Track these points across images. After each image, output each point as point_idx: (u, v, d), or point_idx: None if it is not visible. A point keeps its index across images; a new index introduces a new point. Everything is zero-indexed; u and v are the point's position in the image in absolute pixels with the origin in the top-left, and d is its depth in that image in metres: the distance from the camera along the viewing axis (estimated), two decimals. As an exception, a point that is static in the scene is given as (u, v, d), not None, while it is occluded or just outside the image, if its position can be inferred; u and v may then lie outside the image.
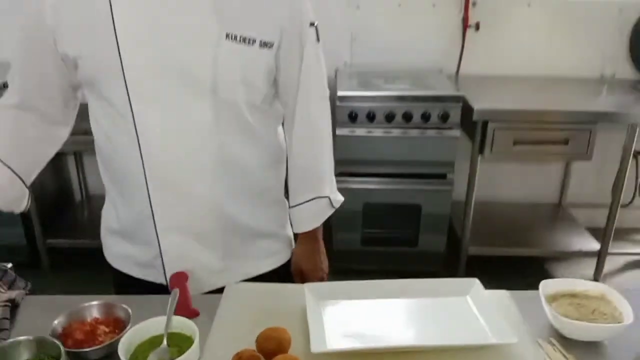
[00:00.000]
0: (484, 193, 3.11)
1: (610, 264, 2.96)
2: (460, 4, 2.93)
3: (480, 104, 2.51)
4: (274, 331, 0.89)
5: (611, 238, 2.82)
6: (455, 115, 2.55)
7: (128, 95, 1.03)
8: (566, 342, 0.98)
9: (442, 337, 0.94)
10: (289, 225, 1.33)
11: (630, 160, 2.70)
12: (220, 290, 1.11)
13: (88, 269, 1.10)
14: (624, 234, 3.22)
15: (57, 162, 3.25)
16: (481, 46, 3.00)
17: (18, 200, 1.15)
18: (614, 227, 2.81)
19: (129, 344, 0.90)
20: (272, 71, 1.12)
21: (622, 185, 2.73)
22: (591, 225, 3.07)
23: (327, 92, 1.22)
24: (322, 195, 1.24)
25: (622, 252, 3.06)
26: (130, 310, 0.98)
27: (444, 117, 2.54)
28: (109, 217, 1.26)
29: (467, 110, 2.54)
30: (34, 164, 1.18)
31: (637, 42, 2.99)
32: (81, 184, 3.38)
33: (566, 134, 2.55)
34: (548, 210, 3.30)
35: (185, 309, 1.02)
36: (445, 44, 3.00)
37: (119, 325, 0.97)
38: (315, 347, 0.86)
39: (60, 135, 1.21)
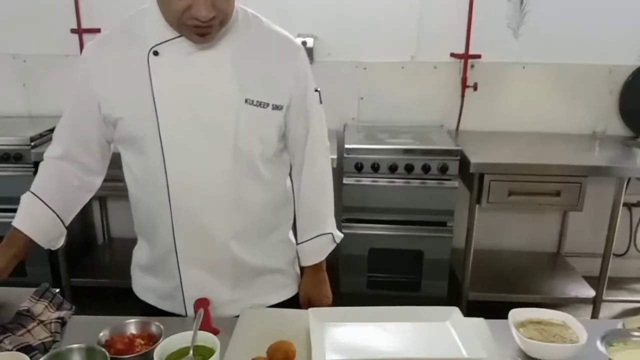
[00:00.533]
0: (484, 241, 3.28)
1: (606, 310, 3.08)
2: (459, 66, 3.19)
3: (476, 157, 2.72)
4: (282, 343, 1.08)
5: (605, 286, 2.94)
6: (454, 167, 2.76)
7: (162, 149, 1.26)
8: (532, 361, 1.15)
9: (423, 353, 1.11)
10: (297, 262, 1.52)
11: (620, 212, 2.86)
12: (236, 316, 1.31)
13: (109, 307, 1.31)
14: (620, 283, 3.35)
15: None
16: (479, 105, 3.24)
17: (57, 238, 1.38)
18: (607, 276, 2.94)
19: (161, 353, 1.08)
20: (282, 128, 1.35)
21: (613, 235, 2.88)
22: (588, 274, 3.19)
23: (328, 144, 1.45)
24: (325, 232, 1.44)
25: (617, 299, 3.18)
26: (162, 327, 1.17)
27: (443, 169, 2.75)
28: (139, 255, 1.48)
29: (464, 163, 2.75)
30: (72, 208, 1.40)
31: (627, 100, 3.21)
32: (104, 227, 3.59)
33: (558, 186, 2.74)
34: (546, 258, 3.44)
35: (208, 327, 1.21)
36: (446, 102, 3.25)
37: (152, 339, 1.15)
38: (316, 359, 1.05)
39: (95, 183, 1.42)
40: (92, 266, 3.35)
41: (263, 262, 1.42)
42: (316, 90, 1.38)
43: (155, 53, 1.23)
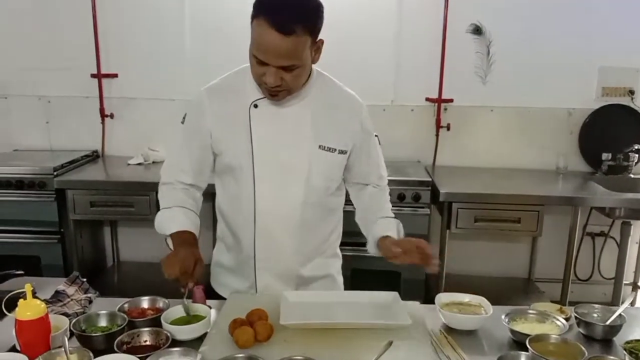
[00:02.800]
0: (458, 266, 3.55)
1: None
2: (434, 109, 3.58)
3: (445, 188, 3.08)
4: (257, 310, 1.44)
5: (566, 306, 3.24)
6: (426, 196, 3.12)
7: (254, 180, 1.62)
8: (449, 330, 1.48)
9: (363, 319, 1.47)
10: (341, 273, 1.89)
11: (576, 239, 3.18)
12: None
13: None
14: (583, 306, 3.63)
15: (96, 230, 3.81)
16: (452, 143, 3.60)
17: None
18: (567, 299, 3.25)
19: (168, 318, 1.43)
20: (344, 168, 1.73)
21: (571, 261, 3.21)
22: (556, 298, 3.46)
23: (385, 174, 1.85)
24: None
25: (578, 319, 3.46)
26: (168, 302, 1.52)
27: (416, 198, 3.11)
28: (219, 256, 1.85)
29: (436, 192, 3.11)
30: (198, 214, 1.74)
31: (585, 139, 3.55)
32: (114, 251, 3.91)
33: (518, 214, 3.07)
34: (518, 283, 3.73)
35: (202, 303, 1.56)
36: (422, 140, 3.62)
37: (160, 311, 1.50)
38: (283, 321, 1.40)
39: (201, 199, 1.77)
40: (102, 287, 3.63)
41: (319, 271, 1.78)
42: (376, 136, 1.79)
43: (255, 106, 1.62)
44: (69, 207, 3.22)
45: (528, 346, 1.32)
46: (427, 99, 3.58)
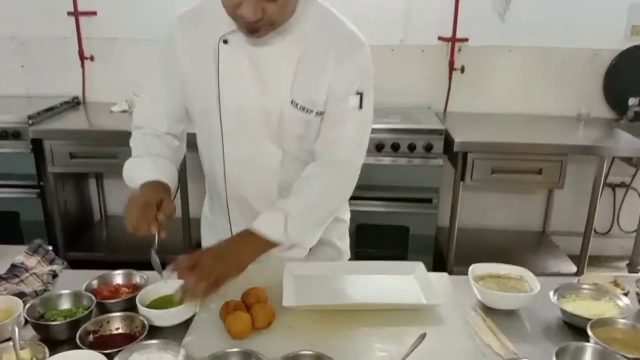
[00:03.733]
0: (470, 220, 3.37)
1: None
2: (447, 50, 3.26)
3: (461, 136, 2.80)
4: (255, 289, 1.17)
5: (586, 263, 3.04)
6: (438, 146, 2.84)
7: (222, 133, 1.34)
8: (487, 310, 1.23)
9: (385, 299, 1.21)
10: (346, 240, 1.59)
11: (600, 191, 2.93)
12: None
13: None
14: (602, 261, 3.45)
15: (79, 183, 3.56)
16: (466, 87, 3.30)
17: (175, 192, 1.37)
18: (588, 253, 3.03)
19: (145, 298, 1.17)
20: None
21: (594, 214, 2.96)
22: (572, 252, 3.27)
23: (352, 156, 1.40)
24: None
25: (597, 277, 3.26)
26: (147, 277, 1.26)
27: (428, 148, 2.83)
28: (205, 206, 1.63)
29: (449, 142, 2.83)
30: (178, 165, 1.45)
31: (611, 83, 3.27)
32: (101, 205, 3.68)
33: (540, 165, 2.81)
34: (532, 237, 3.53)
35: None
36: (433, 84, 3.31)
37: (137, 289, 1.24)
38: (286, 303, 1.14)
39: (183, 149, 1.48)
40: (89, 242, 3.44)
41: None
42: (358, 94, 1.32)
43: (225, 41, 1.29)
44: (47, 159, 2.96)
45: (590, 334, 1.07)
46: (440, 38, 3.26)
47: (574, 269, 3.09)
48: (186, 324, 1.14)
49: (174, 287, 1.17)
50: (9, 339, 1.02)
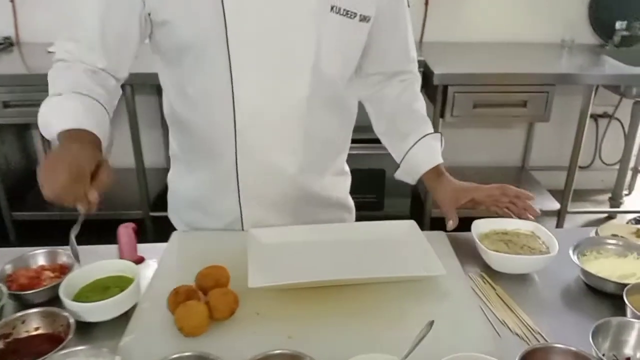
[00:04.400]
0: (447, 157, 3.16)
1: (569, 222, 3.06)
2: (422, -29, 2.95)
3: (440, 68, 2.55)
4: (213, 269, 0.93)
5: (570, 198, 2.90)
6: (416, 79, 2.58)
7: (230, 64, 1.02)
8: (496, 275, 1.03)
9: (375, 272, 0.98)
10: (350, 197, 1.35)
11: (587, 123, 2.75)
12: None
13: (55, 241, 1.10)
14: (584, 195, 3.32)
15: (22, 135, 3.22)
16: (444, 14, 3.02)
17: (109, 145, 1.03)
18: (572, 188, 2.88)
19: (72, 286, 0.93)
20: (364, 43, 1.12)
21: (580, 147, 2.79)
22: (553, 187, 3.15)
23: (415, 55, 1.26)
24: (434, 132, 1.25)
25: (581, 211, 3.15)
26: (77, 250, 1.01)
27: (404, 82, 2.57)
28: (182, 186, 1.26)
29: (428, 74, 2.57)
30: (111, 109, 1.07)
31: (596, 7, 3.05)
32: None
33: (524, 96, 2.61)
34: (511, 172, 3.37)
35: (129, 255, 1.05)
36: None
37: (64, 271, 0.99)
38: (252, 283, 0.90)
39: (119, 91, 1.12)
40: (36, 199, 3.14)
41: (324, 195, 1.25)
42: None
43: None
44: (-22, 109, 2.60)
45: (628, 303, 0.87)
46: (414, -41, 2.92)
47: (556, 205, 2.95)
48: (127, 317, 0.90)
49: (108, 269, 0.93)
50: None
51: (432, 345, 0.78)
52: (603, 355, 0.80)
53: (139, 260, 1.06)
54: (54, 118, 0.97)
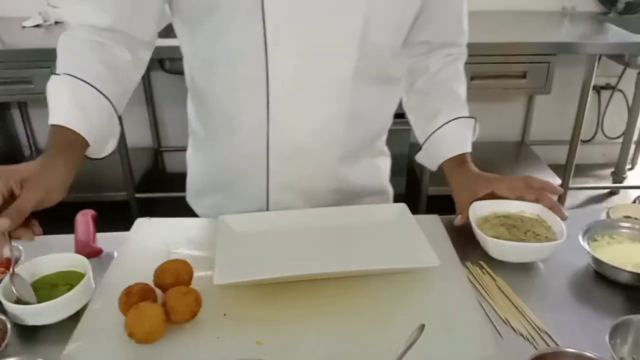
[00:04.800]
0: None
1: (571, 199, 2.95)
2: None
3: (435, 38, 2.41)
4: (173, 264, 0.81)
5: (572, 174, 2.78)
6: (409, 50, 2.45)
7: (264, 30, 0.88)
8: (497, 264, 0.91)
9: (359, 264, 0.86)
10: (389, 181, 1.23)
11: (589, 95, 2.63)
12: None
13: (50, 221, 0.99)
14: (585, 170, 3.21)
15: (1, 115, 3.08)
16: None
17: (108, 140, 0.94)
18: (574, 163, 2.77)
19: (10, 288, 0.81)
20: (418, 9, 0.99)
21: (582, 120, 2.67)
22: (553, 162, 3.04)
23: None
24: (469, 116, 1.11)
25: (583, 186, 3.04)
26: (21, 248, 0.89)
27: (398, 53, 2.44)
28: (196, 162, 1.15)
29: (422, 45, 2.43)
30: (126, 93, 0.97)
31: (599, -28, 2.91)
32: (29, 139, 3.22)
33: (524, 67, 2.47)
34: (511, 148, 3.26)
35: (85, 247, 0.94)
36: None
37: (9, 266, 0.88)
38: (218, 279, 0.78)
39: (144, 59, 0.99)
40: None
41: (362, 183, 1.13)
42: None
43: None
44: (-51, 88, 2.47)
45: (648, 299, 0.77)
46: None
47: (557, 180, 2.84)
48: (76, 320, 0.79)
49: (53, 265, 0.81)
50: None
51: (424, 349, 0.67)
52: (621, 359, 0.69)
53: (97, 253, 0.94)
54: (50, 106, 0.87)
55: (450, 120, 1.08)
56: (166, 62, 2.59)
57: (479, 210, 0.98)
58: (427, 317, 0.70)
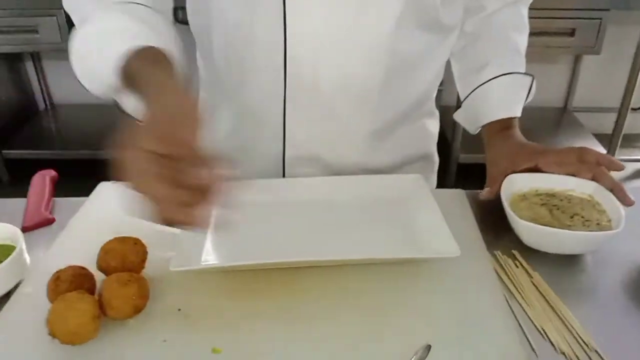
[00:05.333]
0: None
1: (617, 172, 2.70)
2: None
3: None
4: (120, 243, 0.64)
5: (619, 144, 2.54)
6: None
7: None
8: (535, 256, 0.72)
9: (355, 251, 0.68)
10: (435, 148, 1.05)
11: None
12: None
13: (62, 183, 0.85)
14: (634, 140, 2.94)
15: (14, 66, 2.97)
16: None
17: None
18: (622, 133, 2.52)
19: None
20: None
21: (634, 86, 2.40)
22: (598, 131, 2.80)
23: None
24: (525, 73, 0.92)
25: (630, 158, 2.79)
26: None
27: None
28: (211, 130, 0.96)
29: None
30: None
31: None
32: (44, 92, 3.11)
33: (572, 23, 2.22)
34: (552, 114, 3.00)
35: (35, 215, 0.78)
36: None
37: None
38: (176, 264, 0.62)
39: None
40: (32, 137, 2.92)
41: (409, 149, 0.96)
42: None
43: None
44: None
45: None
46: None
47: (602, 151, 2.58)
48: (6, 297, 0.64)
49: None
50: None
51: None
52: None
53: (47, 222, 0.79)
54: (105, 51, 0.64)
55: (501, 75, 0.88)
56: (179, 12, 2.42)
57: (517, 184, 0.79)
58: (438, 326, 0.53)
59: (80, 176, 0.97)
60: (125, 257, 0.62)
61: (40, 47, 2.47)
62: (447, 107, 2.50)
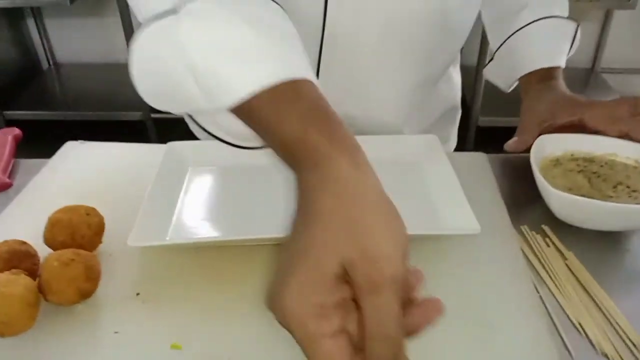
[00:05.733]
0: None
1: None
2: None
3: None
4: (71, 212, 0.53)
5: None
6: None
7: None
8: (569, 232, 0.61)
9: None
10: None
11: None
12: None
13: (53, 143, 0.75)
14: (666, 104, 2.77)
15: (14, 23, 2.86)
16: None
17: None
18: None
19: None
20: None
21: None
22: (628, 94, 2.62)
23: None
24: (569, 18, 0.80)
25: (662, 124, 2.62)
26: None
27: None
28: None
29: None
30: None
31: None
32: (46, 50, 3.01)
33: (607, -26, 2.05)
34: (578, 75, 2.84)
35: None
36: None
37: None
38: (135, 239, 0.51)
39: None
40: (35, 97, 2.83)
41: (434, 108, 0.87)
42: None
43: None
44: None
45: None
46: None
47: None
48: None
49: None
50: None
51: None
52: None
53: (3, 187, 0.69)
54: (236, 76, 0.44)
55: (542, 18, 0.76)
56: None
57: (549, 146, 0.67)
58: (455, 315, 0.42)
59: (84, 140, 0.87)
60: (75, 231, 0.52)
61: (41, 2, 2.36)
62: (467, 67, 2.36)
